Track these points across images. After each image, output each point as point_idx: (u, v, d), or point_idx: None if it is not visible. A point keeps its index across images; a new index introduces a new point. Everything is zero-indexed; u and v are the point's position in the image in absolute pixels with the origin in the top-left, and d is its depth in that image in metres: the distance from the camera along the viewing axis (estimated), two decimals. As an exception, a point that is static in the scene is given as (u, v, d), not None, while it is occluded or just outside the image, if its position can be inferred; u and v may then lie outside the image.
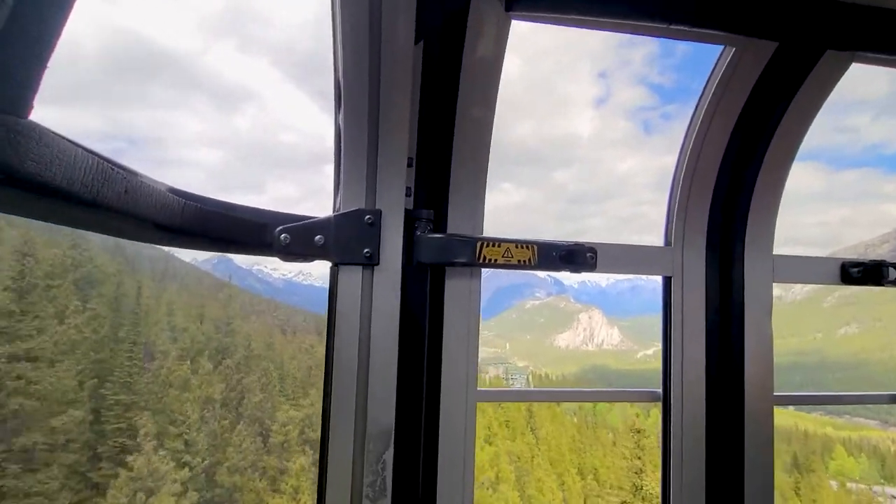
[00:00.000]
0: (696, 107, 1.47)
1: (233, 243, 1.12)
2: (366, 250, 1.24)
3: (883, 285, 1.57)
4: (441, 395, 1.34)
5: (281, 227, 1.17)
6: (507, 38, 1.24)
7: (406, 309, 1.28)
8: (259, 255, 1.19)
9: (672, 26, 1.17)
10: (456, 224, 1.35)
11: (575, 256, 1.38)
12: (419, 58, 1.25)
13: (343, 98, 1.18)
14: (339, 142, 1.25)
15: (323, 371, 1.26)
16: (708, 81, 1.42)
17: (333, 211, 1.27)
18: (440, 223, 1.35)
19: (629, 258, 1.50)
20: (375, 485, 1.21)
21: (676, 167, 1.53)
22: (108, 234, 0.85)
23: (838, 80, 1.35)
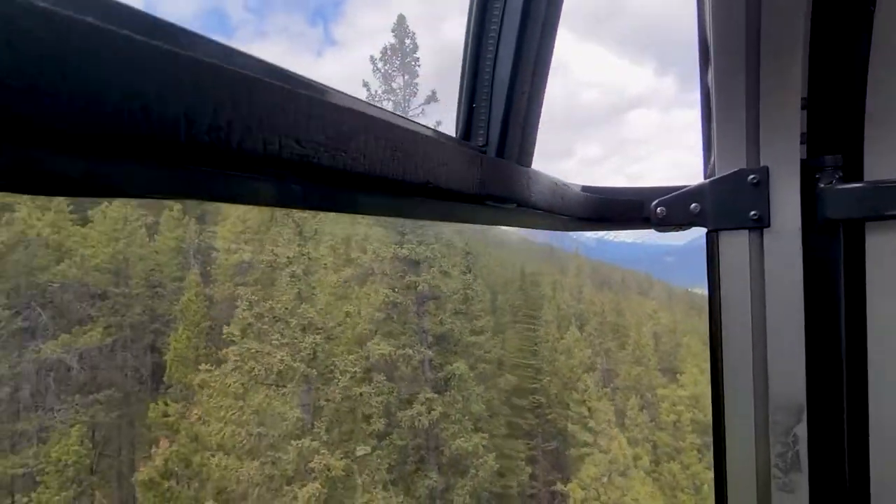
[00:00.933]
0: None
1: (618, 222, 1.28)
2: (752, 213, 1.16)
3: None
4: (869, 379, 1.13)
5: (657, 201, 1.24)
6: None
7: (811, 274, 1.13)
8: (639, 229, 1.30)
9: None
10: (880, 167, 1.08)
11: None
12: None
13: (712, 51, 1.12)
14: (708, 101, 1.20)
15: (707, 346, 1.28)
16: None
17: (706, 177, 1.25)
18: (854, 169, 1.11)
19: None
20: (787, 455, 1.15)
21: None
22: (549, 229, 1.14)
23: None
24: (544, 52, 0.71)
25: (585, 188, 1.11)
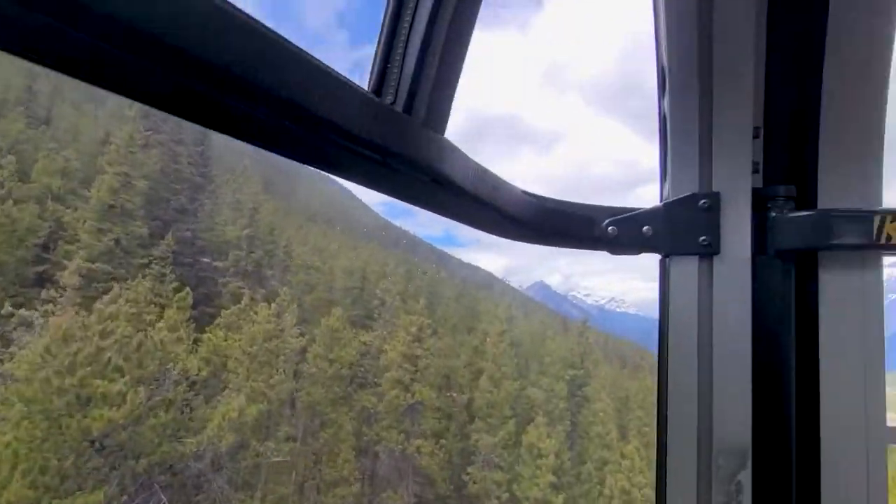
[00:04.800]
0: None
1: (566, 237, 1.23)
2: (702, 238, 1.12)
3: None
4: (821, 421, 1.03)
5: (609, 220, 1.21)
6: None
7: (760, 305, 1.06)
8: (588, 248, 1.25)
9: None
10: (833, 197, 1.05)
11: None
12: (763, 11, 1.07)
13: (668, 78, 1.13)
14: (665, 127, 1.20)
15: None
16: None
17: (661, 200, 1.22)
18: (807, 199, 1.07)
19: None
20: None
21: None
22: (477, 227, 1.10)
23: None
24: (465, 14, 0.71)
25: (528, 193, 1.08)
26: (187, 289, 23.02)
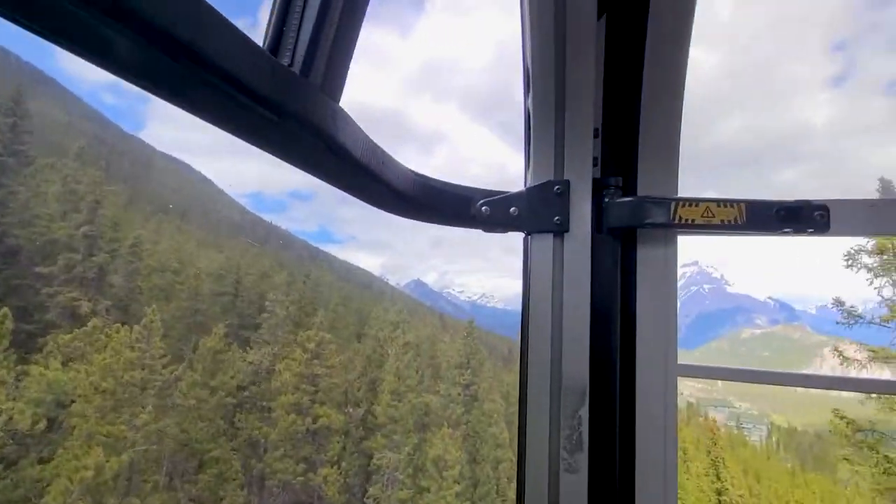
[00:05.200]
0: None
1: (446, 215, 1.36)
2: (556, 218, 1.34)
3: None
4: (636, 362, 1.32)
5: (483, 200, 1.37)
6: (694, 8, 1.22)
7: (597, 272, 1.32)
8: (466, 226, 1.40)
9: None
10: (647, 188, 1.34)
11: (799, 215, 1.21)
12: (602, 32, 1.32)
13: (531, 80, 1.33)
14: (529, 123, 1.40)
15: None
16: None
17: (525, 185, 1.42)
18: (631, 189, 1.36)
19: (882, 216, 1.23)
20: (572, 438, 1.26)
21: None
22: (366, 201, 1.16)
23: None
24: None
25: (414, 172, 1.18)
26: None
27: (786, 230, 1.22)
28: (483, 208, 1.37)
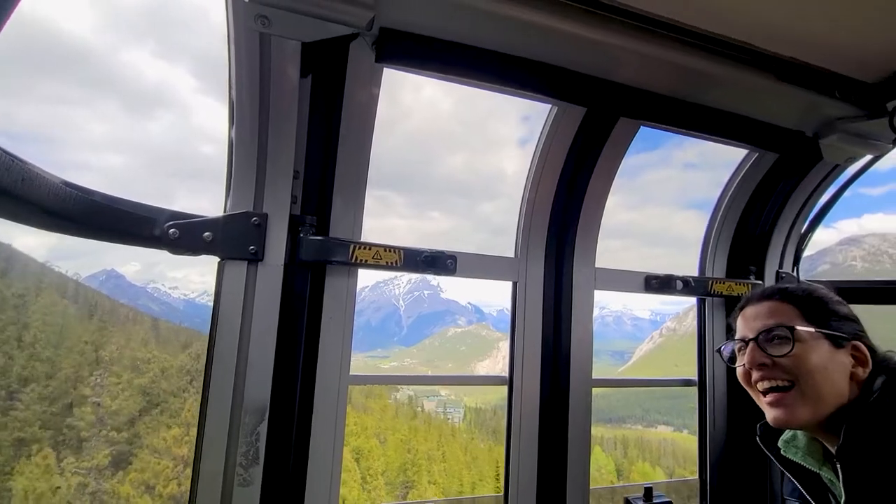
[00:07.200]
0: (535, 150, 1.87)
1: (121, 234, 1.25)
2: (251, 247, 1.43)
3: (673, 293, 2.06)
4: (317, 376, 1.53)
5: (171, 223, 1.33)
6: (381, 81, 1.53)
7: (287, 300, 1.47)
8: (147, 247, 1.32)
9: (506, 87, 1.53)
10: (337, 230, 1.58)
11: (437, 261, 1.67)
12: (307, 88, 1.49)
13: (235, 118, 1.39)
14: (232, 152, 1.44)
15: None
16: (542, 130, 1.82)
17: (224, 212, 1.45)
18: (324, 228, 1.57)
19: (484, 266, 1.82)
20: (249, 454, 1.36)
21: (522, 196, 1.91)
22: (8, 219, 0.97)
23: (631, 138, 1.82)
24: None
25: (71, 185, 1.06)
26: None
27: (428, 270, 1.66)
28: (171, 231, 1.33)
